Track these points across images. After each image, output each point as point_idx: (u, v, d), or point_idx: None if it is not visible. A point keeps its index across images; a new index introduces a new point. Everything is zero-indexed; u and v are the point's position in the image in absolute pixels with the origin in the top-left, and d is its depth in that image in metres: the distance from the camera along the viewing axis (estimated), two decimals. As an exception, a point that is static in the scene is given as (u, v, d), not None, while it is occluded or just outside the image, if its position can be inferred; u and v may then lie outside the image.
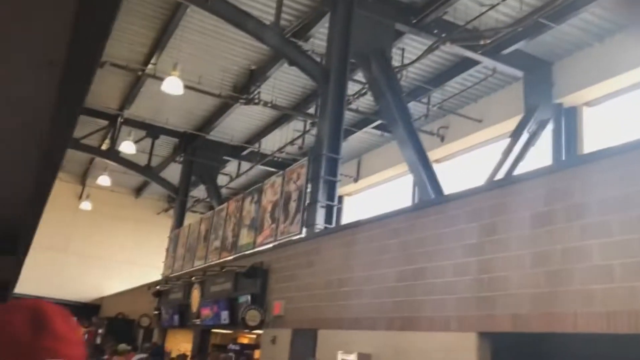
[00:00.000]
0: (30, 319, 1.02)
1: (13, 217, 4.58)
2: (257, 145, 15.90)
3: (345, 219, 14.60)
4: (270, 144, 15.59)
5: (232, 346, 13.68)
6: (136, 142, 15.64)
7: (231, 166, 17.63)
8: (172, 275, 14.28)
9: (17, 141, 3.22)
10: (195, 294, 11.46)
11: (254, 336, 14.46)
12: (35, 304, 1.06)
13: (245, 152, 16.61)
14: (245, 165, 17.11)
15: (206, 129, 15.52)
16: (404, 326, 5.49)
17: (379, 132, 14.05)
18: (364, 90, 11.60)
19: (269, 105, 12.71)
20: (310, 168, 8.94)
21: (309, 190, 8.86)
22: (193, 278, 11.94)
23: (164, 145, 17.27)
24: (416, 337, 5.31)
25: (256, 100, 12.48)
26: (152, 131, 16.10)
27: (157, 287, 13.87)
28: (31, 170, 3.54)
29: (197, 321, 11.12)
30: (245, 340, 15.35)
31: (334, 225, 8.55)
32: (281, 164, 15.32)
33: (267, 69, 12.17)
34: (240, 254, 10.58)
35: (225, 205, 12.67)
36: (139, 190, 22.00)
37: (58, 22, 1.92)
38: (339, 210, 13.43)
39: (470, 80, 11.64)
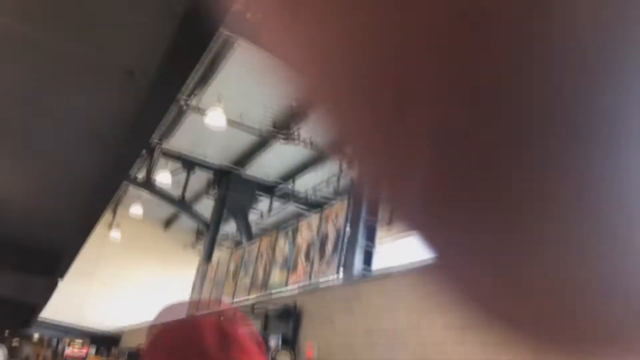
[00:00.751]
0: (218, 333, 1.03)
1: (58, 238, 4.47)
2: (291, 183, 15.78)
3: (378, 264, 14.25)
4: (304, 183, 15.46)
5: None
6: (171, 173, 15.71)
7: (262, 203, 17.50)
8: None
9: (79, 167, 3.14)
10: (222, 332, 11.17)
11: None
12: (218, 322, 1.06)
13: (278, 190, 16.50)
14: (277, 203, 16.96)
15: (241, 165, 15.50)
16: (453, 381, 5.15)
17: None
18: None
19: (309, 143, 12.64)
20: (350, 209, 8.75)
21: (347, 231, 8.64)
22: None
23: (197, 178, 17.27)
24: (466, 394, 4.96)
25: (295, 138, 12.43)
26: (188, 164, 16.15)
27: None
28: (85, 195, 3.43)
29: (223, 360, 10.78)
30: (266, 384, 14.90)
31: (373, 269, 8.27)
32: (314, 204, 15.13)
33: (307, 106, 12.13)
34: (271, 294, 10.31)
35: (256, 241, 12.49)
36: (168, 223, 21.99)
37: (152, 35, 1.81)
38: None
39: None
